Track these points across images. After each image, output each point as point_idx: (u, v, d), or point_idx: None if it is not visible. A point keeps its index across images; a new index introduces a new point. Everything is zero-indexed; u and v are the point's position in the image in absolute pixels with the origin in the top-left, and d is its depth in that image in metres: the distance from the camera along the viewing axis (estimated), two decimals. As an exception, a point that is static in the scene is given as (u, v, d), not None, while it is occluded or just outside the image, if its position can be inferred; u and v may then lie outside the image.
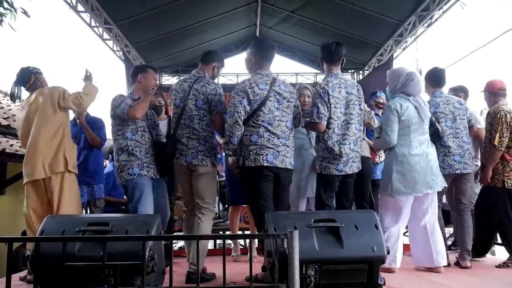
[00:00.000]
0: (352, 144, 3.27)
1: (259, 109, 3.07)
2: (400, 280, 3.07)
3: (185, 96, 3.33)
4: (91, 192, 4.44)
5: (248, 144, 3.07)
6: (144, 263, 1.97)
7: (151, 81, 3.51)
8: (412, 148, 3.41)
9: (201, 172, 3.31)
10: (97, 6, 7.34)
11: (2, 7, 4.47)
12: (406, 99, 3.46)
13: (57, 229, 2.31)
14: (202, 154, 3.29)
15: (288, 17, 9.06)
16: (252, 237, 3.55)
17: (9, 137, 6.80)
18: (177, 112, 3.36)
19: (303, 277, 2.17)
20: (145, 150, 3.34)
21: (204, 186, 3.32)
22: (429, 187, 3.39)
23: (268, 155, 3.04)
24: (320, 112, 3.21)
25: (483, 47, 8.21)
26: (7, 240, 1.83)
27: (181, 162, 3.31)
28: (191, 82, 3.36)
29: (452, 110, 3.79)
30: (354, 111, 3.31)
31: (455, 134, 3.75)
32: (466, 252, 3.67)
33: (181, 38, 8.79)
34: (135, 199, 3.24)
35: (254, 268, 2.02)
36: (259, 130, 3.07)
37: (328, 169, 3.24)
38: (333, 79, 3.30)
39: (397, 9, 7.79)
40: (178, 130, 3.33)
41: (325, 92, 3.23)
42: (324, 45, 3.41)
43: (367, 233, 2.37)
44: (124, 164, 3.29)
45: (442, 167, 3.65)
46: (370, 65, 10.35)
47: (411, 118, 3.42)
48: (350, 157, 3.25)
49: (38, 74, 3.65)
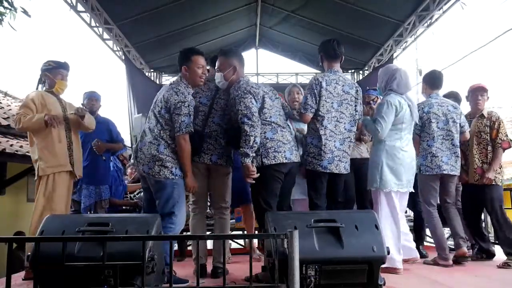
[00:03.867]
0: (338, 142, 3.23)
1: (263, 107, 3.07)
2: (400, 280, 3.06)
3: (212, 94, 3.27)
4: (98, 193, 4.46)
5: (264, 142, 3.03)
6: (144, 263, 1.97)
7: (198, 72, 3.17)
8: (402, 144, 3.45)
9: (224, 172, 3.29)
10: (97, 6, 7.34)
11: (2, 7, 4.48)
12: (400, 96, 3.48)
13: (57, 229, 2.30)
14: (226, 155, 3.27)
15: (288, 17, 9.06)
16: (252, 237, 3.55)
17: (9, 137, 6.79)
18: (204, 110, 3.24)
19: (303, 277, 2.17)
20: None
21: (227, 187, 3.33)
22: (410, 186, 3.48)
23: (286, 151, 3.05)
24: (307, 103, 3.20)
25: (483, 47, 8.17)
26: (7, 240, 1.83)
27: (204, 161, 3.20)
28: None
29: (445, 112, 3.81)
30: (347, 111, 3.29)
31: (446, 136, 3.78)
32: (461, 239, 3.73)
33: (181, 38, 8.79)
34: (172, 201, 3.03)
35: (254, 268, 2.01)
36: (271, 126, 3.07)
37: (312, 165, 3.21)
38: (330, 75, 3.30)
39: (397, 9, 7.80)
40: (206, 128, 3.22)
41: (318, 84, 3.21)
42: (325, 42, 3.41)
43: (367, 233, 2.37)
44: (168, 160, 3.02)
45: (430, 167, 3.72)
46: (370, 65, 10.35)
47: (405, 117, 3.45)
48: (335, 155, 3.22)
49: (46, 71, 3.57)
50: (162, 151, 3.01)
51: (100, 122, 4.34)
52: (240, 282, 3.01)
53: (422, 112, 3.77)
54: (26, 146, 6.63)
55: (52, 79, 3.56)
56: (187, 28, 8.60)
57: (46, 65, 3.58)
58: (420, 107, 3.79)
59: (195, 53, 3.20)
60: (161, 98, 3.10)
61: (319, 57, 3.46)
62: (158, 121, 3.07)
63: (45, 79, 3.59)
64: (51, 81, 3.57)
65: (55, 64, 3.58)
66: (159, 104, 3.09)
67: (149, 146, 3.05)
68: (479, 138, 3.96)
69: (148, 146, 3.05)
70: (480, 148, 3.94)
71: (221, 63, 3.20)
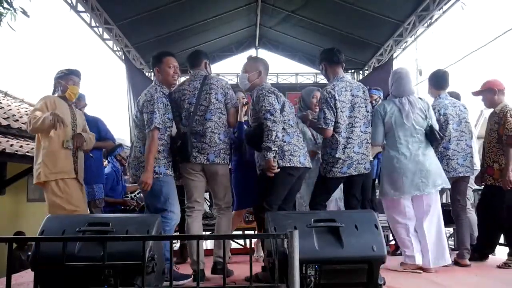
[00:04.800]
0: (356, 147, 3.31)
1: (283, 109, 3.15)
2: (400, 280, 3.07)
3: (198, 92, 3.23)
4: (91, 193, 4.44)
5: (282, 145, 3.08)
6: (144, 263, 1.97)
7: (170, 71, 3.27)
8: (399, 149, 3.43)
9: (223, 171, 3.28)
10: (97, 6, 7.34)
11: (1, 7, 4.48)
12: (391, 101, 3.52)
13: (57, 229, 2.31)
14: (224, 153, 3.24)
15: (288, 17, 9.05)
16: (252, 237, 3.55)
17: (9, 137, 6.80)
18: (188, 108, 3.22)
19: (303, 277, 2.17)
20: (167, 149, 3.19)
21: (227, 186, 3.33)
22: (418, 189, 3.39)
23: (301, 157, 3.13)
24: (327, 117, 3.26)
25: (483, 47, 8.17)
26: (7, 240, 1.83)
27: (201, 161, 3.17)
28: (199, 79, 3.29)
29: (458, 113, 3.80)
30: (359, 113, 3.35)
31: (460, 137, 3.77)
32: (466, 251, 3.69)
33: (181, 38, 8.79)
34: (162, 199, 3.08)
35: (254, 268, 2.01)
36: (289, 130, 3.14)
37: (333, 173, 3.30)
38: (339, 83, 3.35)
39: (397, 9, 7.79)
40: (198, 126, 3.19)
41: (332, 97, 3.28)
42: (326, 50, 3.50)
43: (367, 232, 2.37)
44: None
45: (447, 170, 3.65)
46: (370, 65, 10.35)
47: (396, 121, 3.44)
48: (354, 160, 3.30)
49: (59, 79, 3.65)
50: (143, 152, 3.11)
51: (89, 120, 4.29)
52: (240, 282, 3.01)
53: (439, 114, 3.73)
54: (26, 146, 6.65)
55: (65, 85, 3.63)
56: (187, 28, 8.59)
57: (58, 73, 3.68)
58: (436, 109, 3.73)
59: (165, 54, 3.31)
60: (137, 102, 3.25)
61: (320, 67, 3.52)
62: (136, 124, 3.23)
63: (58, 86, 3.67)
64: (64, 87, 3.64)
65: (67, 71, 3.69)
66: (136, 108, 3.24)
67: (133, 150, 3.22)
68: (490, 136, 3.81)
69: (133, 149, 3.22)
70: (491, 146, 3.78)
71: (248, 65, 3.33)
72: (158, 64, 3.28)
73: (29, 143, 7.04)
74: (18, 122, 7.59)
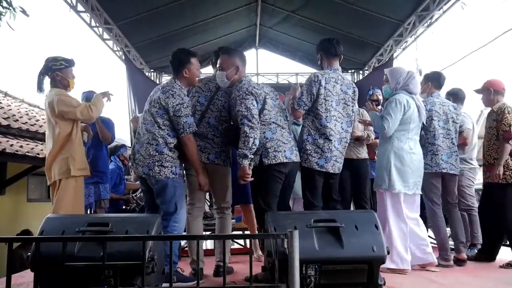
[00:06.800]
0: (336, 142, 3.20)
1: (264, 108, 3.06)
2: (400, 280, 3.06)
3: (211, 95, 3.28)
4: (97, 192, 4.46)
5: (264, 142, 3.01)
6: (144, 264, 1.96)
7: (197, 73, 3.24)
8: (410, 145, 3.45)
9: (223, 172, 3.29)
10: (97, 6, 7.34)
11: (0, 6, 4.47)
12: (411, 97, 3.49)
13: (57, 229, 2.30)
14: (224, 154, 3.26)
15: (288, 17, 9.05)
16: (252, 237, 3.55)
17: (9, 137, 6.79)
18: (201, 110, 3.26)
19: (303, 277, 2.17)
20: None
21: (227, 186, 3.32)
22: (416, 188, 3.47)
23: (286, 151, 3.04)
24: (302, 100, 3.19)
25: (483, 47, 8.19)
26: (7, 240, 1.83)
27: (202, 160, 3.18)
28: (215, 83, 3.28)
29: (446, 111, 3.83)
30: (345, 111, 3.27)
31: (446, 135, 3.80)
32: (461, 245, 3.73)
33: (181, 38, 8.78)
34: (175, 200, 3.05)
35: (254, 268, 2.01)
36: (270, 127, 3.05)
37: (309, 162, 3.15)
38: (330, 72, 3.27)
39: (397, 9, 7.79)
40: (202, 128, 3.21)
41: (317, 81, 3.17)
42: (324, 40, 3.39)
43: (367, 233, 2.37)
44: (167, 159, 3.02)
45: (430, 165, 3.71)
46: (370, 65, 10.35)
47: (413, 117, 3.45)
48: (333, 154, 3.18)
49: (57, 70, 3.46)
50: (160, 150, 3.00)
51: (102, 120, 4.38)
52: (240, 282, 3.01)
53: (424, 110, 3.75)
54: (26, 146, 6.65)
55: (66, 79, 3.50)
56: (187, 28, 8.59)
57: (57, 64, 3.47)
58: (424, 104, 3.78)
59: (193, 55, 3.22)
60: (156, 99, 3.08)
61: (317, 56, 3.41)
62: (155, 121, 3.04)
63: (58, 78, 3.49)
64: (65, 81, 3.50)
65: (66, 62, 3.51)
66: (155, 105, 3.06)
67: (146, 147, 3.03)
68: (489, 134, 3.86)
69: (146, 147, 3.04)
70: (491, 144, 3.84)
71: (224, 62, 3.17)
72: (187, 64, 3.14)
73: (29, 143, 7.05)
74: (18, 122, 7.59)
